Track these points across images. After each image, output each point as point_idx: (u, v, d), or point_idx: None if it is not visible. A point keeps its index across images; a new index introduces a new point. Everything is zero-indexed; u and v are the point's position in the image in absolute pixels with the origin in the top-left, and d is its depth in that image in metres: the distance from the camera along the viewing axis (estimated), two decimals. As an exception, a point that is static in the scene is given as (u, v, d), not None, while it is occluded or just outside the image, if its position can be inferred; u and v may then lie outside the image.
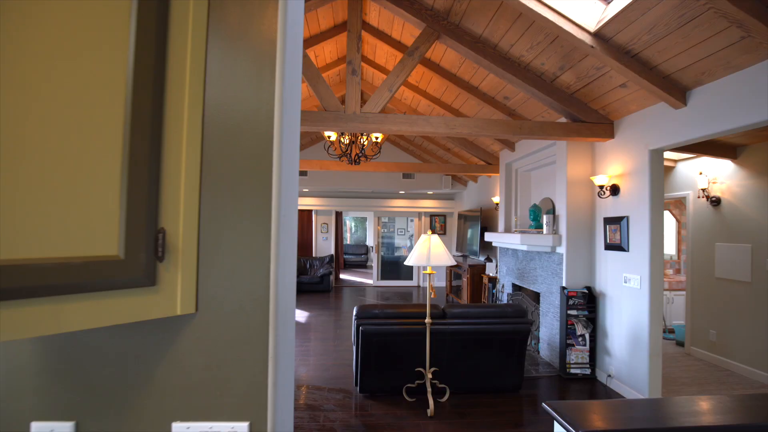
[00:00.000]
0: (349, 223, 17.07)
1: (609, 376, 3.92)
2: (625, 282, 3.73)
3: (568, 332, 4.14)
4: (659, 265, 3.45)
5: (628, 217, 3.70)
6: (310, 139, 8.52)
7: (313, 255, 10.24)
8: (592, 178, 4.06)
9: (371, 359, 3.48)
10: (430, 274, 3.41)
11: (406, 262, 3.41)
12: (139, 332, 0.81)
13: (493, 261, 6.99)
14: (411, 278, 10.61)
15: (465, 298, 7.25)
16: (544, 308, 4.74)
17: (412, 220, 13.81)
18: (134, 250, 0.70)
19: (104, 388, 0.80)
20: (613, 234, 3.91)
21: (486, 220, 7.44)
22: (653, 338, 3.44)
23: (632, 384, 3.63)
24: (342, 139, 4.99)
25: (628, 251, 3.70)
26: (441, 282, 10.37)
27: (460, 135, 3.89)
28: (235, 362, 0.82)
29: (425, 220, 10.47)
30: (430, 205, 10.28)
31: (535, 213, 5.15)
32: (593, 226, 4.26)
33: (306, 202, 10.01)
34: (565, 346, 4.14)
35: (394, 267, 11.22)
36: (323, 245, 10.33)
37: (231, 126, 0.83)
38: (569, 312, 4.14)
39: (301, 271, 9.66)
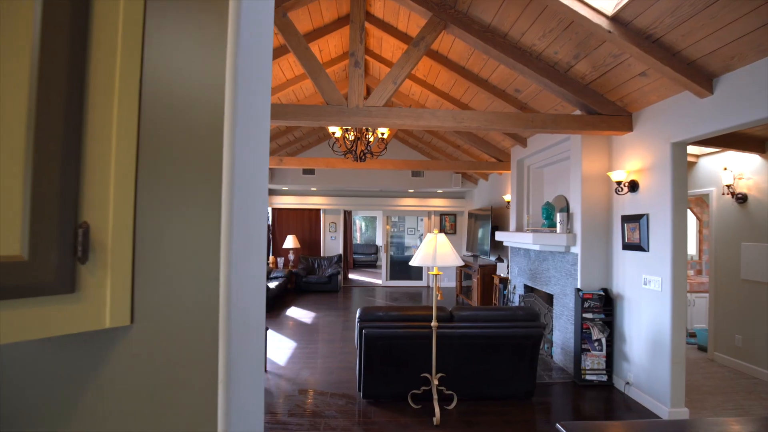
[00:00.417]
0: (359, 223, 16.97)
1: (627, 383, 3.70)
2: (645, 284, 3.51)
3: (583, 336, 3.93)
4: (682, 267, 3.23)
5: (647, 215, 3.48)
6: (317, 137, 8.40)
7: (321, 255, 10.14)
8: (609, 173, 3.85)
9: (375, 364, 3.33)
10: (436, 275, 3.24)
11: (411, 263, 3.25)
12: (60, 350, 0.67)
13: (505, 261, 6.78)
14: (420, 278, 10.43)
15: (475, 299, 7.05)
16: (558, 311, 4.53)
17: (422, 220, 13.63)
18: (43, 249, 0.55)
19: (13, 418, 0.66)
20: (631, 233, 3.69)
21: (497, 219, 7.23)
22: (676, 344, 3.22)
23: (652, 392, 3.41)
24: (347, 136, 4.85)
25: (648, 251, 3.48)
26: (451, 282, 10.17)
27: (468, 129, 3.71)
28: (178, 386, 0.67)
29: (435, 219, 10.28)
30: (439, 203, 10.09)
31: (548, 211, 4.94)
32: (610, 225, 4.04)
33: (313, 201, 9.91)
34: (580, 351, 3.93)
35: (403, 267, 11.05)
36: (331, 245, 10.22)
37: (174, 101, 0.68)
38: (584, 315, 3.93)
39: (309, 270, 9.56)
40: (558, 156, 4.93)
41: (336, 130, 4.72)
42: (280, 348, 5.01)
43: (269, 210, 10.02)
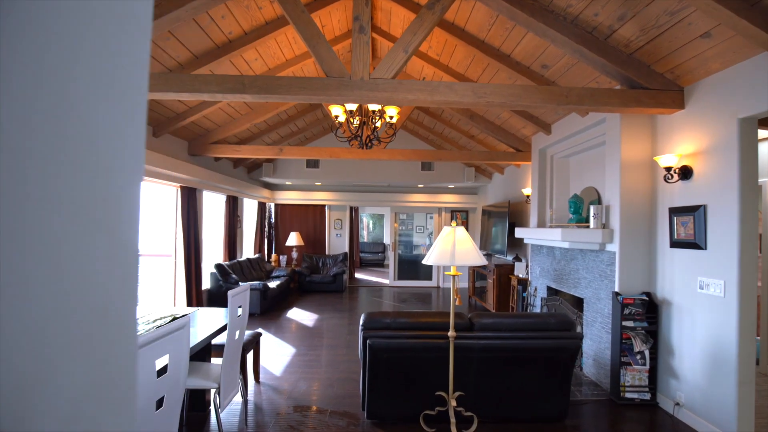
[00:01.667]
0: (366, 221, 16.50)
1: (677, 404, 3.16)
2: (702, 288, 2.96)
3: (622, 348, 3.39)
4: (752, 268, 2.68)
5: (705, 207, 2.93)
6: (321, 128, 7.93)
7: (326, 253, 9.67)
8: (656, 158, 3.29)
9: (381, 379, 2.84)
10: (454, 276, 2.73)
11: (425, 261, 2.74)
12: None
13: (523, 261, 6.24)
14: (430, 278, 9.92)
15: (491, 301, 6.52)
16: (589, 317, 3.99)
17: (431, 217, 13.10)
18: None
19: None
20: (682, 227, 3.14)
21: (514, 215, 6.69)
22: (744, 361, 2.67)
23: (711, 417, 2.87)
24: (351, 120, 4.35)
25: (705, 249, 2.93)
26: (463, 282, 9.63)
27: (491, 105, 3.20)
28: None
29: (445, 216, 9.75)
30: (451, 199, 9.56)
31: (576, 205, 4.40)
32: (653, 219, 3.49)
33: (318, 197, 9.44)
34: (618, 365, 3.40)
35: (412, 266, 10.55)
36: (337, 242, 9.75)
37: None
38: (624, 323, 3.39)
39: (313, 269, 9.10)
40: (588, 143, 4.38)
41: (339, 114, 4.23)
42: (277, 355, 4.54)
43: (272, 206, 9.57)
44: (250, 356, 3.75)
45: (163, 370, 1.72)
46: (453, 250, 2.59)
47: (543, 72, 3.92)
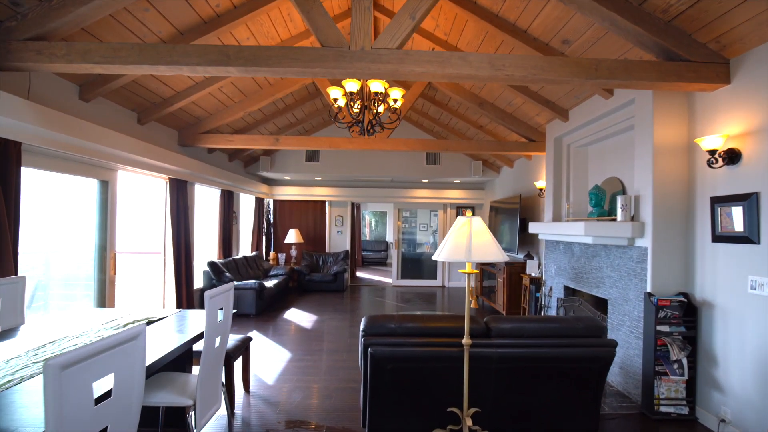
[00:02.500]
0: (368, 218, 16.13)
1: (722, 420, 2.77)
2: (753, 288, 2.58)
3: (657, 355, 3.00)
4: (819, 264, 2.29)
5: (758, 195, 2.54)
6: (321, 120, 7.56)
7: (327, 251, 9.30)
8: (697, 140, 2.90)
9: (385, 393, 2.47)
10: (469, 274, 2.36)
11: (435, 257, 2.37)
12: None
13: (535, 258, 5.86)
14: (435, 277, 9.54)
15: (500, 302, 6.14)
16: (615, 320, 3.61)
17: (435, 214, 12.73)
18: None
19: None
20: (727, 219, 2.75)
21: (525, 210, 6.30)
22: (809, 374, 2.29)
23: (765, 437, 2.48)
24: (352, 105, 3.97)
25: (758, 243, 2.54)
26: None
27: (510, 80, 2.81)
28: None
29: (451, 213, 9.36)
30: (456, 195, 9.17)
31: (598, 197, 4.02)
32: (691, 210, 3.10)
33: (318, 192, 9.07)
34: (652, 375, 3.01)
35: (416, 265, 10.18)
36: (338, 240, 9.38)
37: None
38: (659, 328, 3.01)
39: (313, 268, 8.74)
40: (612, 128, 3.99)
41: (338, 96, 3.86)
42: (271, 360, 4.17)
43: (270, 202, 9.21)
44: (238, 363, 3.39)
45: (109, 393, 1.35)
46: (469, 243, 2.21)
47: (563, 48, 3.53)
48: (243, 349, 3.27)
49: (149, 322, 2.61)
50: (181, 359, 2.76)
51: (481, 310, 6.92)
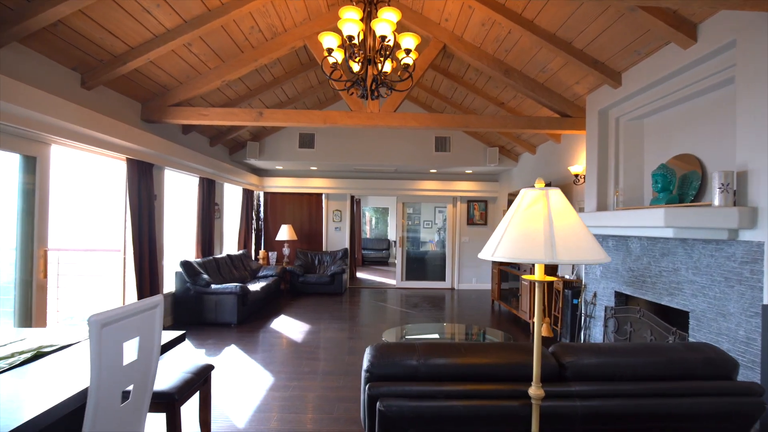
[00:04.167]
0: (368, 215, 15.23)
1: None
2: None
3: (788, 397, 2.09)
4: None
5: None
6: (315, 99, 6.65)
7: (323, 249, 8.40)
8: None
9: (402, 469, 1.56)
10: (542, 283, 1.44)
11: (485, 256, 1.45)
12: None
13: (568, 257, 4.93)
14: (443, 278, 8.63)
15: (525, 308, 5.23)
16: (703, 339, 2.70)
17: (440, 211, 11.80)
18: None
19: None
20: None
21: (554, 201, 5.38)
22: None
23: None
24: (352, 63, 3.05)
25: None
26: (483, 283, 8.35)
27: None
28: None
29: (461, 207, 8.46)
30: (467, 187, 8.27)
31: (666, 178, 3.13)
32: (831, 190, 2.19)
33: (314, 184, 8.16)
34: (779, 424, 2.11)
35: (420, 265, 9.27)
36: (335, 237, 8.47)
37: None
38: (792, 357, 2.10)
39: (308, 268, 7.83)
40: (687, 89, 3.08)
41: (333, 46, 2.93)
42: (246, 388, 3.26)
43: (260, 195, 8.30)
44: (194, 401, 2.48)
45: None
46: (549, 232, 1.30)
47: (636, -25, 2.62)
48: (200, 383, 2.36)
49: (37, 356, 1.69)
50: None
51: (497, 316, 6.01)
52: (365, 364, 1.64)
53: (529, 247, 1.31)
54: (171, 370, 2.23)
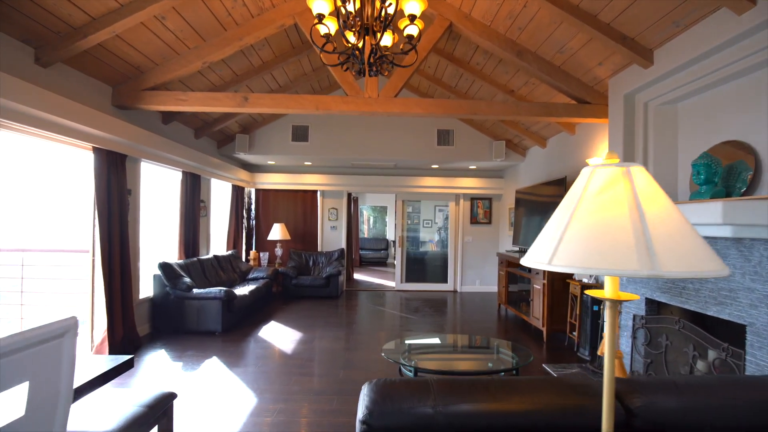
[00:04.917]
0: (366, 214, 14.78)
1: None
2: None
3: None
4: None
5: None
6: (309, 87, 6.19)
7: (318, 249, 7.94)
8: None
9: None
10: (614, 302, 1.00)
11: (535, 262, 1.01)
12: None
13: (585, 259, 4.49)
14: (445, 280, 8.19)
15: (538, 314, 4.79)
16: (766, 359, 2.26)
17: (440, 210, 11.38)
18: None
19: None
20: None
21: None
22: None
23: None
24: (347, 36, 2.59)
25: None
26: (489, 286, 7.91)
27: None
28: None
29: (464, 205, 8.01)
30: (470, 184, 7.83)
31: (710, 169, 2.73)
32: None
33: (308, 180, 7.70)
34: None
35: (420, 266, 8.83)
36: (331, 236, 8.01)
37: None
38: None
39: (301, 270, 7.37)
40: (738, 64, 2.64)
41: (324, 12, 2.47)
42: (224, 412, 2.81)
43: (251, 192, 7.84)
44: (153, 438, 2.02)
45: None
46: (642, 227, 0.86)
47: None
48: (158, 415, 1.90)
49: None
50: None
51: (504, 322, 5.57)
52: (361, 410, 1.19)
53: (609, 251, 0.86)
54: (117, 405, 1.77)
